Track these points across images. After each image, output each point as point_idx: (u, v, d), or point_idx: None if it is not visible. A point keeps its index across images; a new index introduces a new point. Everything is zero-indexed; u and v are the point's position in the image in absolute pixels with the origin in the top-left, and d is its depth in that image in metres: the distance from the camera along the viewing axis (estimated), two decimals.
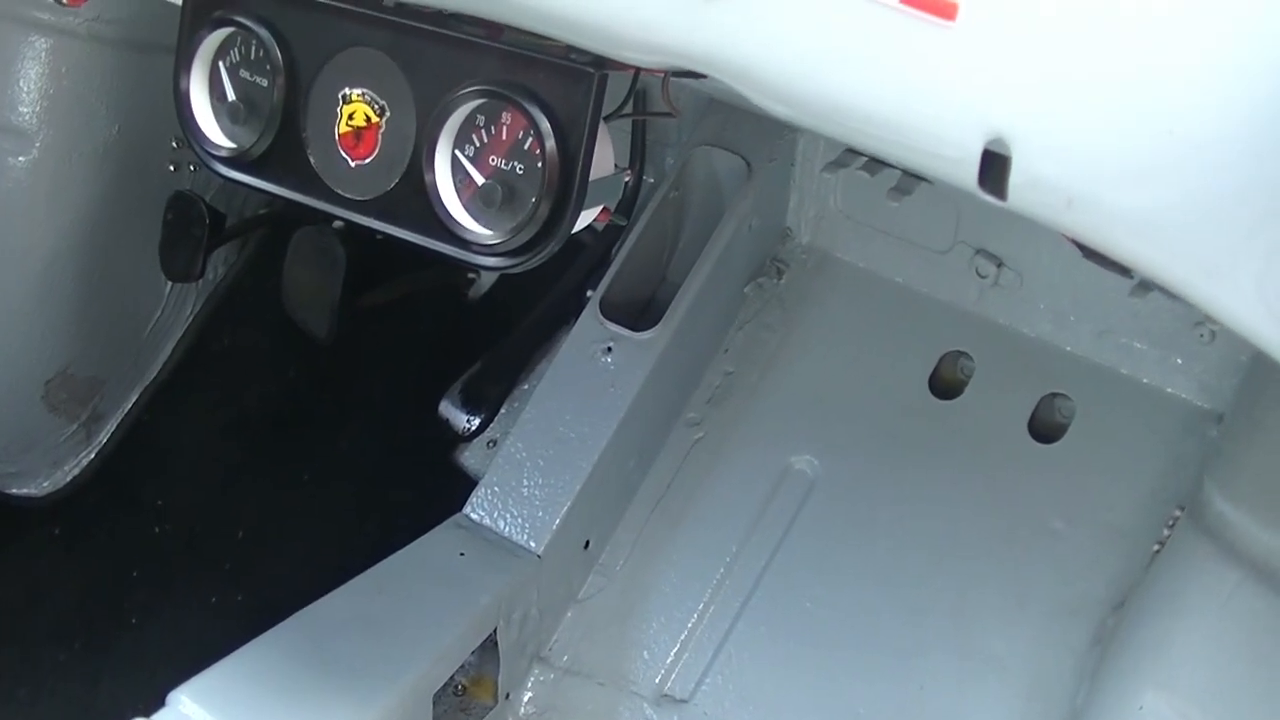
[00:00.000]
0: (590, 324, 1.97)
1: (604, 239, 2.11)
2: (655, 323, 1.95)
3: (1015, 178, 1.00)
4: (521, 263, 1.25)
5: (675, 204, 2.05)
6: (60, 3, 1.39)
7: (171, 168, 2.23)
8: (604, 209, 1.33)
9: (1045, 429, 1.93)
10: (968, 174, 1.02)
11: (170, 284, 2.33)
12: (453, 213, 1.28)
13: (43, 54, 2.09)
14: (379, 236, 1.33)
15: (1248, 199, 0.96)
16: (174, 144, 2.22)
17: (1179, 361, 1.86)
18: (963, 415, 1.94)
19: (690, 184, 2.06)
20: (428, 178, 1.28)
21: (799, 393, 2.01)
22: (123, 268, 2.24)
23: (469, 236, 1.27)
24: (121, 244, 2.21)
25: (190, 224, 2.08)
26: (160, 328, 2.35)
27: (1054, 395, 1.94)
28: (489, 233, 1.27)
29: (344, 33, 1.32)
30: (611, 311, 1.98)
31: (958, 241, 1.95)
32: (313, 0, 1.33)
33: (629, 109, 1.44)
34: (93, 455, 2.36)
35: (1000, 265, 1.94)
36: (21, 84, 2.11)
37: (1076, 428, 1.90)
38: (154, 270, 2.13)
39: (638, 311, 2.05)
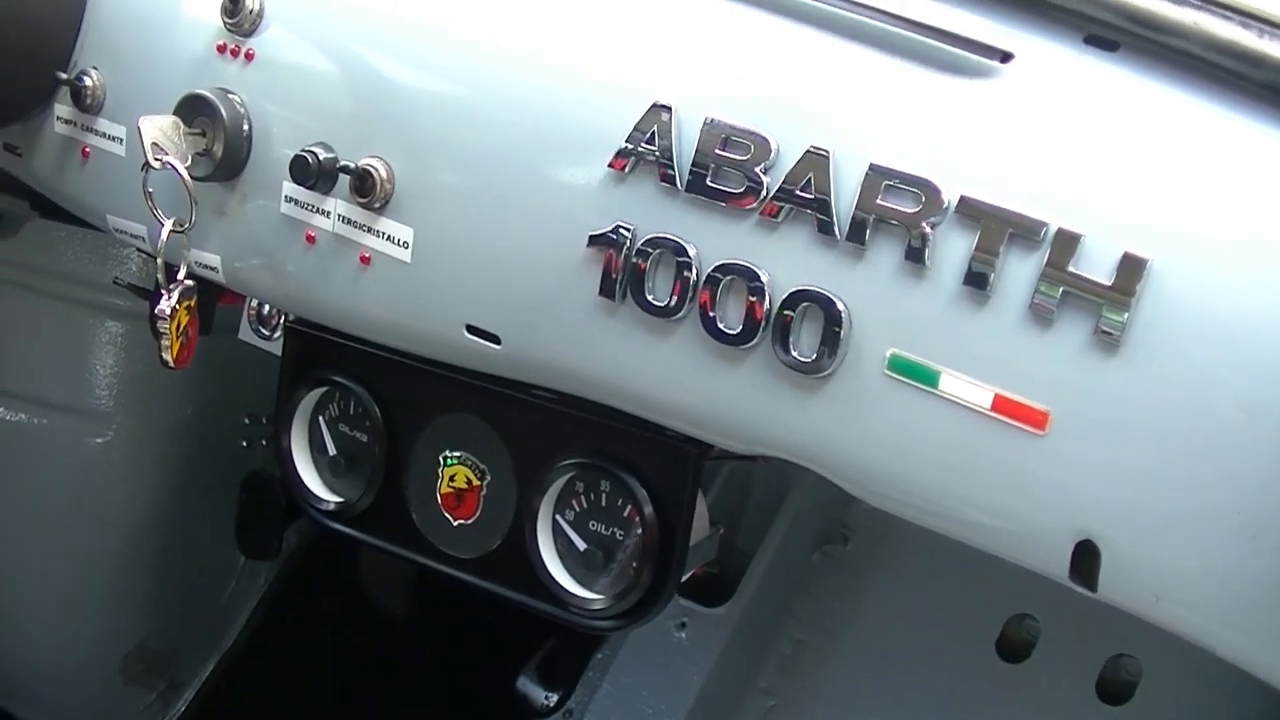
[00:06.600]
0: None
1: None
2: (726, 594, 1.99)
3: (1105, 573, 1.04)
4: (625, 625, 1.30)
5: (742, 475, 2.10)
6: (170, 365, 1.44)
7: (244, 444, 2.28)
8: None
9: (1113, 689, 1.95)
10: (1059, 568, 1.07)
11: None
12: (556, 577, 1.33)
13: (118, 338, 2.15)
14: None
15: None
16: (245, 420, 2.28)
17: None
18: (1030, 678, 1.97)
19: None
20: (529, 542, 1.34)
21: (868, 659, 2.04)
22: (197, 542, 2.28)
23: (572, 601, 1.32)
24: (196, 519, 2.26)
25: (266, 504, 2.13)
26: (234, 598, 2.39)
27: (1120, 655, 1.96)
28: (593, 597, 1.32)
29: (441, 397, 1.38)
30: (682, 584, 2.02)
31: None
32: (407, 364, 1.38)
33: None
34: None
35: None
36: (98, 368, 2.17)
37: (1144, 688, 1.92)
38: (228, 543, 2.18)
39: (707, 580, 2.09)
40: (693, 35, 1.21)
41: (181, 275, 1.44)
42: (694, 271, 1.15)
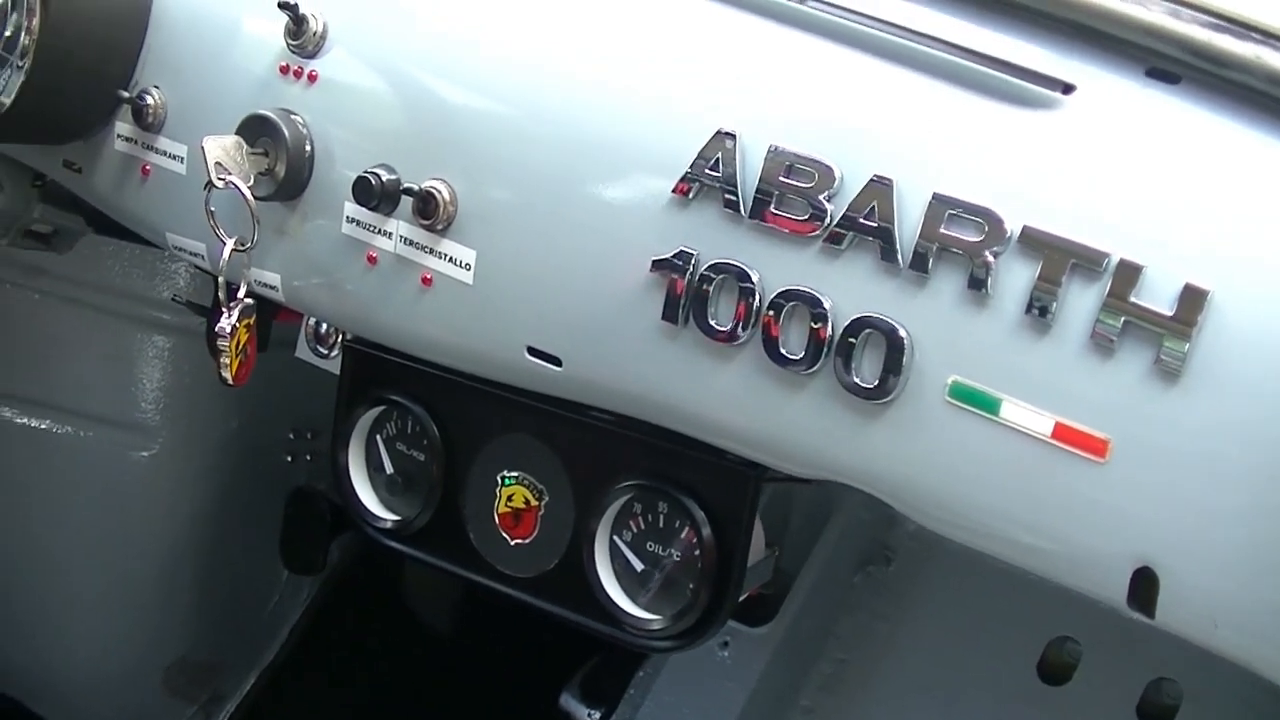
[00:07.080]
0: None
1: None
2: (769, 613, 2.00)
3: (1164, 599, 1.05)
4: (682, 646, 1.31)
5: (783, 495, 2.11)
6: (229, 383, 1.46)
7: (288, 458, 2.29)
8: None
9: (1154, 711, 1.95)
10: (1117, 593, 1.08)
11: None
12: (613, 597, 1.34)
13: (164, 353, 2.17)
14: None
15: None
16: (291, 435, 2.29)
17: None
18: (1072, 701, 1.97)
19: None
20: (587, 562, 1.35)
21: (910, 679, 2.04)
22: (241, 556, 2.29)
23: (629, 621, 1.33)
24: (239, 533, 2.27)
25: (311, 519, 2.14)
26: (278, 612, 2.40)
27: (1161, 678, 1.96)
28: (650, 617, 1.33)
29: (499, 417, 1.39)
30: None
31: None
32: (466, 384, 1.39)
33: None
34: None
35: None
36: (145, 382, 2.18)
37: (1185, 712, 1.92)
38: (271, 557, 2.19)
39: (750, 600, 2.10)
40: (757, 63, 1.22)
41: (242, 294, 1.45)
42: (757, 297, 1.17)
